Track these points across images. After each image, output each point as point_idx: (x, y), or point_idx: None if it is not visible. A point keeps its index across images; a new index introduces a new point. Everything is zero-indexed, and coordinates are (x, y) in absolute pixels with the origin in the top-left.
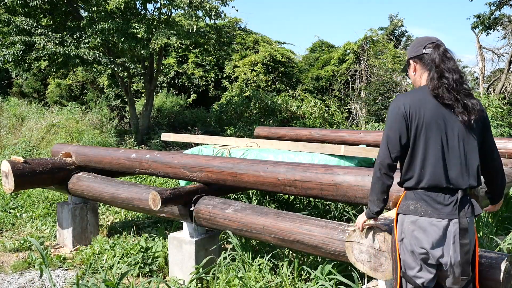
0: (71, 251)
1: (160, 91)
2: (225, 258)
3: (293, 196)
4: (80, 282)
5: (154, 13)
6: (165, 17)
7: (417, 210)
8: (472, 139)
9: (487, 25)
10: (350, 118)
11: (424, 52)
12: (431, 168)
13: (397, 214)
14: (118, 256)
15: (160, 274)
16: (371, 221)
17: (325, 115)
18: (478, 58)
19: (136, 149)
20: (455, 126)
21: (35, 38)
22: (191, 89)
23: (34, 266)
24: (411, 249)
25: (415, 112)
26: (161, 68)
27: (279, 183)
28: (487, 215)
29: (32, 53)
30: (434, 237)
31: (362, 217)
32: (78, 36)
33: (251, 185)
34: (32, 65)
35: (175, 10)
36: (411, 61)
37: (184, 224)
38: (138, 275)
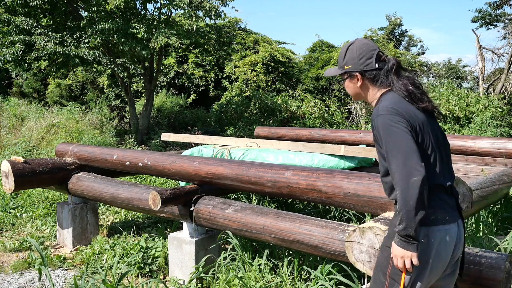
0: (71, 251)
1: (160, 91)
2: (225, 258)
3: None
4: (80, 282)
5: (154, 13)
6: (165, 17)
7: (437, 219)
8: (443, 134)
9: (488, 21)
10: (350, 118)
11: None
12: (433, 168)
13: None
14: (118, 256)
15: (160, 274)
16: (371, 222)
17: (325, 115)
18: (478, 58)
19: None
20: (432, 122)
21: (35, 38)
22: (191, 89)
23: (34, 266)
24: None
25: (409, 115)
26: (161, 68)
27: None
28: (487, 215)
29: (32, 53)
30: (452, 244)
31: (405, 252)
32: (78, 36)
33: None
34: (32, 65)
35: (175, 10)
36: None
37: (184, 224)
38: (138, 275)
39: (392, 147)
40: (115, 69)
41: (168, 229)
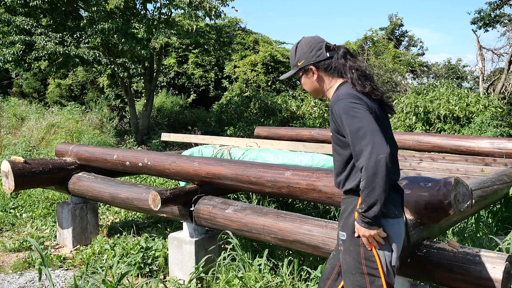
0: (71, 251)
1: (160, 91)
2: (225, 258)
3: None
4: (80, 282)
5: (154, 13)
6: (165, 17)
7: (394, 212)
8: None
9: (487, 22)
10: None
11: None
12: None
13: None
14: (118, 256)
15: (160, 274)
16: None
17: (325, 115)
18: (478, 58)
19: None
20: (383, 112)
21: (35, 38)
22: (191, 89)
23: (34, 266)
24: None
25: (366, 100)
26: (161, 68)
27: None
28: (487, 215)
29: (32, 53)
30: (402, 236)
31: (375, 229)
32: (78, 36)
33: None
34: (32, 65)
35: (175, 10)
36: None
37: (184, 224)
38: (138, 275)
39: (356, 128)
40: (115, 69)
41: (168, 229)
